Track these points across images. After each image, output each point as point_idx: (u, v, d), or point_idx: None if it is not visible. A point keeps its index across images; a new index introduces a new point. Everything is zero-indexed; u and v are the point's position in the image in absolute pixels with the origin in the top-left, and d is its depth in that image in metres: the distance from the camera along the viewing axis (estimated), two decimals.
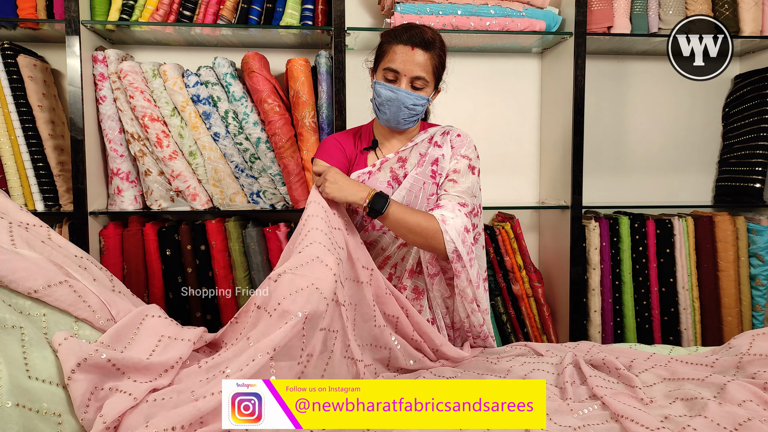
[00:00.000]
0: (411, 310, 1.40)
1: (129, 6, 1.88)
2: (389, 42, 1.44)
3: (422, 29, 1.42)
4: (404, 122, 1.47)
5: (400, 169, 1.52)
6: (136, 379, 1.02)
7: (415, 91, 1.43)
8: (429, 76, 1.43)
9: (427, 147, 1.53)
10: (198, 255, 1.96)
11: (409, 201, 1.48)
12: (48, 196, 1.92)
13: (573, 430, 1.06)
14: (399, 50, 1.41)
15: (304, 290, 1.08)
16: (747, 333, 1.32)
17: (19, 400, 0.83)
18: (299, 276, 1.11)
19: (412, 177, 1.49)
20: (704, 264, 2.16)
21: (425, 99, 1.45)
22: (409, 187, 1.48)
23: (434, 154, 1.51)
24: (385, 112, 1.45)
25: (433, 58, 1.43)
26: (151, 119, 1.92)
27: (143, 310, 1.16)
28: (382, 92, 1.43)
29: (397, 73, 1.42)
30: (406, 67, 1.40)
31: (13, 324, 0.93)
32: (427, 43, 1.41)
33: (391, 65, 1.42)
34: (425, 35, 1.41)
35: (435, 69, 1.44)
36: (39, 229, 1.20)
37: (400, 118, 1.45)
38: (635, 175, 2.40)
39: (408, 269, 1.54)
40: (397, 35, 1.43)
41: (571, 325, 2.08)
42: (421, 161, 1.50)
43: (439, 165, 1.51)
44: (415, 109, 1.44)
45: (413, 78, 1.41)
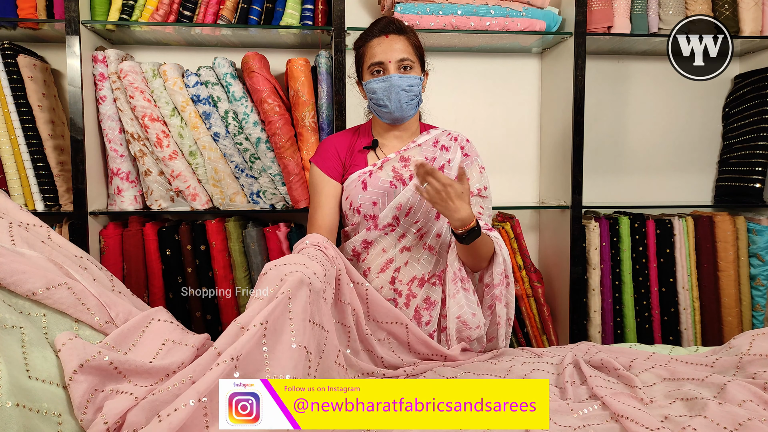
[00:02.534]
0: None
1: (129, 6, 1.88)
2: (363, 42, 1.49)
3: (389, 18, 1.48)
4: (407, 106, 1.47)
5: (403, 169, 1.51)
6: (136, 383, 1.01)
7: (405, 72, 1.45)
8: (412, 57, 1.47)
9: (434, 150, 1.52)
10: (198, 255, 1.96)
11: (414, 203, 1.47)
12: (48, 196, 1.92)
13: (573, 430, 1.05)
14: (375, 43, 1.45)
15: (292, 272, 1.09)
16: (747, 333, 1.31)
17: (19, 400, 0.83)
18: (287, 264, 1.12)
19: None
20: (704, 264, 2.16)
21: (418, 78, 1.46)
22: (415, 190, 1.47)
23: (441, 159, 1.51)
24: (386, 104, 1.46)
25: (410, 38, 1.47)
26: (151, 119, 1.92)
27: (150, 314, 1.16)
28: (375, 87, 1.45)
29: (382, 64, 1.44)
30: (387, 55, 1.43)
31: (13, 324, 0.93)
32: (399, 28, 1.46)
33: (373, 60, 1.45)
34: (394, 22, 1.46)
35: (415, 49, 1.48)
36: (39, 229, 1.20)
37: (402, 102, 1.45)
38: (635, 175, 2.40)
39: (419, 277, 1.51)
40: (368, 33, 1.48)
41: (571, 325, 2.08)
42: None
43: (446, 171, 1.51)
44: (412, 90, 1.45)
45: (398, 61, 1.44)
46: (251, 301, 1.09)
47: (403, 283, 1.51)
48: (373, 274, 1.51)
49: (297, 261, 1.15)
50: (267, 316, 1.01)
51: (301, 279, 1.07)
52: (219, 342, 1.03)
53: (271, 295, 1.05)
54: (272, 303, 1.03)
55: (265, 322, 1.00)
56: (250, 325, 1.01)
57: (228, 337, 1.02)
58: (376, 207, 1.49)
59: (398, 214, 1.47)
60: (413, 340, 1.43)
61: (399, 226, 1.49)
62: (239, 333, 1.01)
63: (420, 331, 1.43)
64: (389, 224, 1.48)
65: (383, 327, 1.42)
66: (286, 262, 1.13)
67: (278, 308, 1.03)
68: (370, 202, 1.49)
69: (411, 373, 1.37)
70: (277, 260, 1.15)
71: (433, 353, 1.44)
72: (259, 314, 1.02)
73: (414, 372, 1.38)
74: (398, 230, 1.49)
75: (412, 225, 1.49)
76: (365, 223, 1.51)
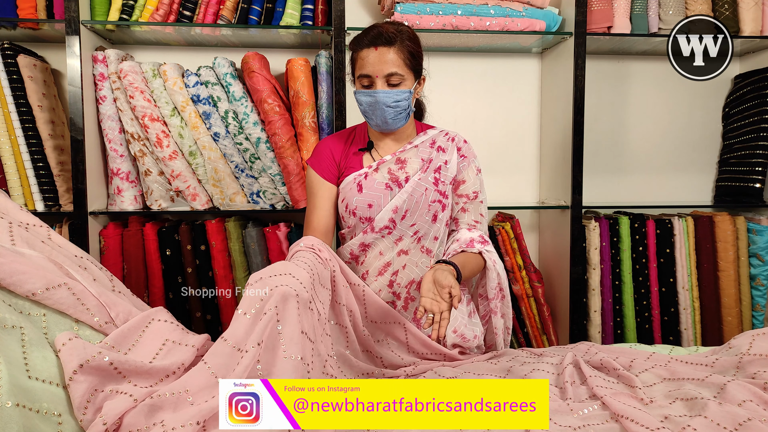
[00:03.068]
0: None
1: (129, 6, 1.88)
2: (356, 50, 1.45)
3: (381, 27, 1.42)
4: (393, 121, 1.46)
5: (399, 171, 1.50)
6: (136, 383, 1.01)
7: (392, 87, 1.42)
8: (402, 69, 1.41)
9: (430, 151, 1.52)
10: (198, 255, 1.96)
11: (409, 206, 1.47)
12: (48, 196, 1.92)
13: (573, 430, 1.05)
14: (364, 54, 1.41)
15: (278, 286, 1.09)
16: (747, 333, 1.31)
17: (19, 400, 0.83)
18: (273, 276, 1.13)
19: (415, 182, 1.47)
20: (704, 264, 2.16)
21: (406, 92, 1.43)
22: (411, 192, 1.47)
23: (438, 160, 1.50)
24: (371, 117, 1.46)
25: (401, 50, 1.41)
26: (151, 119, 1.92)
27: (150, 314, 1.16)
28: (362, 99, 1.44)
29: (370, 77, 1.41)
30: (375, 68, 1.40)
31: (13, 324, 0.93)
32: (388, 38, 1.40)
33: (362, 71, 1.42)
34: (384, 31, 1.41)
35: (407, 60, 1.42)
36: (39, 229, 1.20)
37: (387, 118, 1.44)
38: (635, 175, 2.40)
39: (418, 281, 1.50)
40: (359, 41, 1.43)
41: (571, 325, 2.08)
42: (424, 167, 1.49)
43: (442, 173, 1.50)
44: (398, 106, 1.43)
45: (386, 76, 1.40)
46: (237, 316, 1.09)
47: (402, 286, 1.50)
48: (372, 277, 1.50)
49: (283, 272, 1.15)
50: (260, 337, 1.02)
51: (286, 293, 1.07)
52: (209, 360, 1.04)
53: (259, 311, 1.05)
54: (262, 321, 1.03)
55: (259, 343, 1.01)
56: (246, 346, 1.02)
57: (218, 356, 1.04)
58: (372, 209, 1.48)
59: (394, 216, 1.46)
60: (412, 341, 1.42)
61: (396, 229, 1.48)
62: (232, 354, 1.03)
63: (418, 331, 1.43)
64: (386, 227, 1.47)
65: (381, 328, 1.42)
66: (272, 274, 1.13)
67: (269, 326, 1.03)
68: (365, 204, 1.48)
69: (411, 373, 1.37)
70: (263, 271, 1.15)
71: (432, 352, 1.44)
72: (252, 335, 1.03)
73: (414, 372, 1.37)
74: (395, 233, 1.48)
75: (408, 228, 1.48)
76: (361, 225, 1.50)
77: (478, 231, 1.53)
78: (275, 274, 1.13)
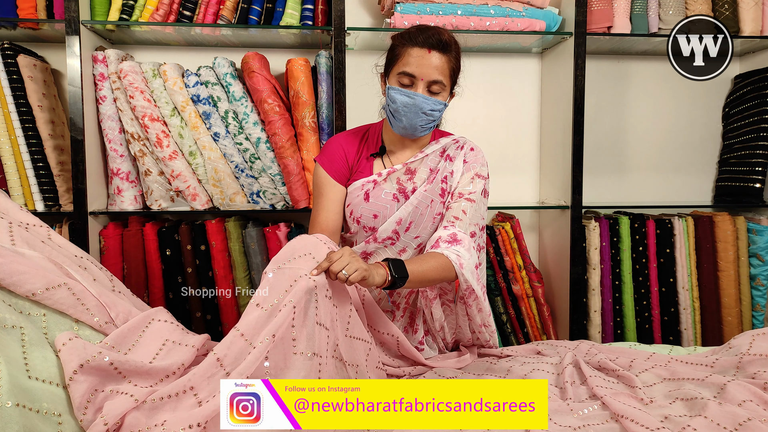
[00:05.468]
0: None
1: (129, 6, 1.88)
2: (403, 45, 1.36)
3: (438, 30, 1.35)
4: (421, 129, 1.40)
5: (408, 182, 1.45)
6: (136, 383, 1.01)
7: (432, 95, 1.35)
8: (446, 80, 1.36)
9: (438, 161, 1.46)
10: (198, 255, 1.96)
11: (414, 218, 1.43)
12: (48, 196, 1.92)
13: (573, 430, 1.06)
14: (414, 53, 1.33)
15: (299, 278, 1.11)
16: (747, 333, 1.32)
17: (19, 400, 0.83)
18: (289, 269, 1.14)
19: (421, 194, 1.43)
20: (704, 264, 2.16)
21: (442, 104, 1.38)
22: (417, 204, 1.42)
23: (445, 170, 1.45)
24: (401, 119, 1.38)
25: (450, 60, 1.36)
26: (151, 119, 1.92)
27: (150, 314, 1.16)
28: (397, 98, 1.35)
29: (413, 78, 1.34)
30: (422, 71, 1.33)
31: (13, 324, 0.93)
32: (445, 45, 1.34)
33: (406, 69, 1.34)
34: (442, 37, 1.34)
35: (452, 72, 1.38)
36: (39, 229, 1.20)
37: (418, 124, 1.38)
38: (635, 175, 2.40)
39: (416, 291, 1.50)
40: (411, 37, 1.35)
41: (571, 325, 2.08)
42: (431, 177, 1.44)
43: (448, 183, 1.45)
44: (432, 115, 1.38)
45: (430, 82, 1.34)
46: (251, 307, 1.10)
47: (401, 296, 1.49)
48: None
49: (303, 251, 1.16)
50: (276, 329, 1.02)
51: (308, 287, 1.08)
52: (219, 349, 1.04)
53: (276, 306, 1.06)
54: (280, 314, 1.04)
55: (272, 336, 1.02)
56: (259, 339, 1.02)
57: (230, 346, 1.04)
58: (377, 220, 1.45)
59: (398, 228, 1.43)
60: (403, 351, 1.41)
61: (399, 240, 1.45)
62: (244, 347, 1.04)
63: (409, 344, 1.40)
64: (388, 237, 1.44)
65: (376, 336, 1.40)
66: (293, 257, 1.15)
67: (286, 320, 1.04)
68: (371, 214, 1.45)
69: (412, 373, 1.37)
70: (281, 255, 1.16)
71: (420, 364, 1.43)
72: (266, 328, 1.03)
73: (414, 372, 1.38)
74: (398, 244, 1.45)
75: (412, 240, 1.45)
76: (365, 234, 1.47)
77: (450, 229, 1.41)
78: (295, 256, 1.15)
